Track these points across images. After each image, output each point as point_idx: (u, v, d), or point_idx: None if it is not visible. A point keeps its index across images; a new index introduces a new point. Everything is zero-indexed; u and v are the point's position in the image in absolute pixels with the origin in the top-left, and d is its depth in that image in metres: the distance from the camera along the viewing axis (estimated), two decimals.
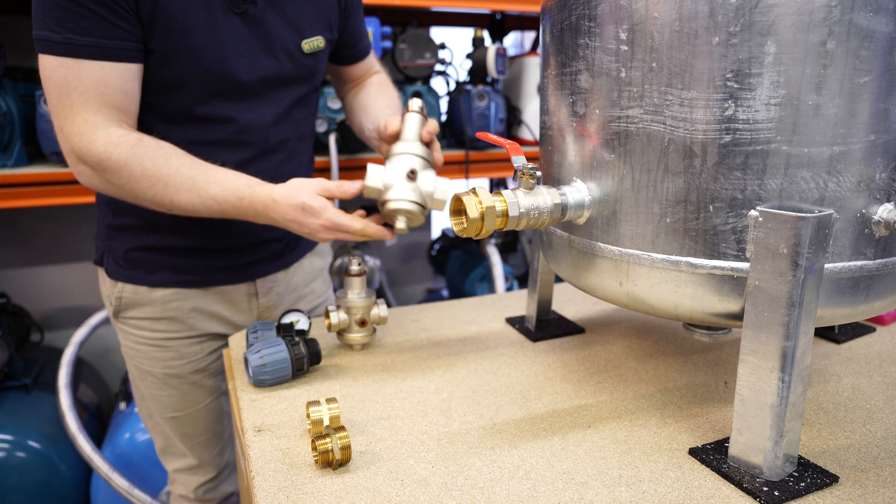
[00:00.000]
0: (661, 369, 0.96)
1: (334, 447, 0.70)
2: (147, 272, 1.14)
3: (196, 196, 0.96)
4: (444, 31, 2.75)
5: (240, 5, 1.02)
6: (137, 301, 1.15)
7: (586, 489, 0.68)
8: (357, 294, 0.99)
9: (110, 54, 0.93)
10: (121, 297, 1.16)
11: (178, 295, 1.15)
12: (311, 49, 1.12)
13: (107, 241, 1.16)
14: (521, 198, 0.73)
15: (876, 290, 0.68)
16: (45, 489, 1.70)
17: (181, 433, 1.25)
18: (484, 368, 0.97)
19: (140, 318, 1.17)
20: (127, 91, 0.97)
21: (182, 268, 1.15)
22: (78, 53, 0.91)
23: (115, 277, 1.16)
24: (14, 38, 2.01)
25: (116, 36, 0.93)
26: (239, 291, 1.21)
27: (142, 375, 1.21)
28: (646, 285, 0.72)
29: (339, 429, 0.71)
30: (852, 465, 0.72)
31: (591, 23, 0.71)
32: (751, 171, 0.63)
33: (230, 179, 0.97)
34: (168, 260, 1.14)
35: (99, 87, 0.93)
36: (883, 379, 0.93)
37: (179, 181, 0.96)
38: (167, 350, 1.18)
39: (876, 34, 0.59)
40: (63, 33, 0.90)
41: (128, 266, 1.14)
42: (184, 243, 1.13)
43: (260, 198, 0.97)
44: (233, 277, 1.19)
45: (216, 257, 1.16)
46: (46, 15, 0.90)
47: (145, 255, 1.14)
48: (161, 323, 1.16)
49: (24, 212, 2.19)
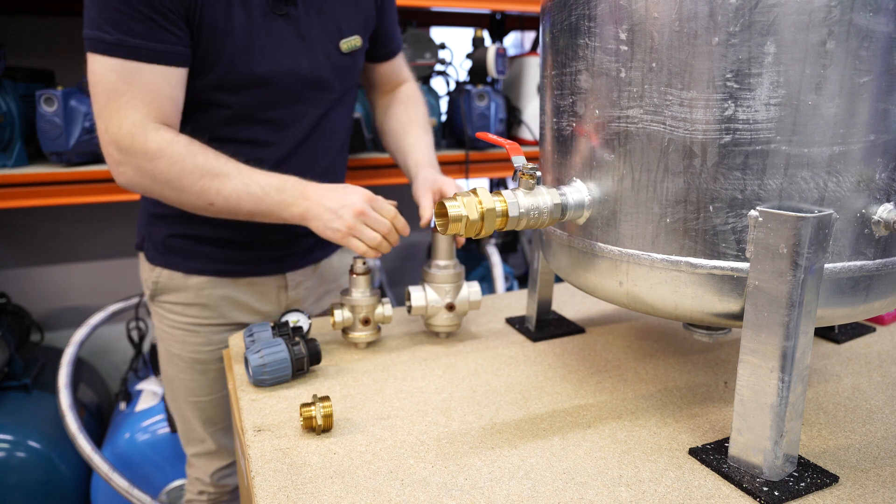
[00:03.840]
0: (661, 369, 0.96)
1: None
2: (183, 259, 1.19)
3: (241, 182, 0.99)
4: (444, 31, 2.75)
5: (281, 7, 1.05)
6: (173, 286, 1.21)
7: (586, 489, 0.68)
8: (361, 293, 1.01)
9: (160, 58, 0.95)
10: (157, 281, 1.21)
11: (212, 283, 1.20)
12: (349, 48, 1.16)
13: (148, 227, 1.22)
14: (521, 198, 0.73)
15: (876, 290, 0.68)
16: (45, 489, 1.70)
17: (202, 418, 1.29)
18: (484, 368, 0.97)
19: (174, 303, 1.22)
20: (174, 97, 1.00)
21: (217, 257, 1.19)
22: (130, 55, 0.93)
23: (154, 262, 1.21)
24: (14, 38, 2.01)
25: (166, 40, 0.95)
26: (269, 284, 1.25)
27: (170, 358, 1.26)
28: (646, 285, 0.72)
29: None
30: (852, 465, 0.72)
31: (590, 23, 0.71)
32: (751, 171, 0.63)
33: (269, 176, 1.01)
34: (203, 249, 1.19)
35: (150, 91, 0.96)
36: (883, 379, 0.93)
37: (227, 170, 0.99)
38: (196, 335, 1.23)
39: (876, 34, 0.59)
40: (115, 34, 0.92)
41: (166, 252, 1.20)
42: (219, 234, 1.17)
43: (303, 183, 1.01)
44: (264, 269, 1.23)
45: (249, 250, 1.20)
46: (99, 16, 0.92)
47: (183, 243, 1.19)
48: (193, 308, 1.21)
49: (24, 212, 2.19)
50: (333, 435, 0.78)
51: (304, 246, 1.26)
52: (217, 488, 1.35)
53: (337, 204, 0.99)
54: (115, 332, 2.26)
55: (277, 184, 1.00)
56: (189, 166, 0.98)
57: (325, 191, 1.00)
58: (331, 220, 0.99)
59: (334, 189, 1.01)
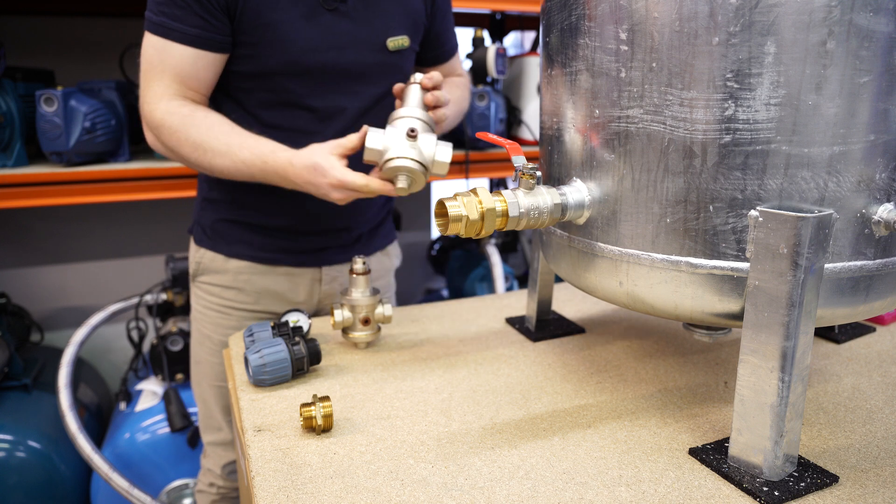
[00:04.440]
0: (661, 369, 0.96)
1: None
2: (226, 243, 1.26)
3: (229, 160, 1.05)
4: None
5: (331, 3, 1.11)
6: (214, 268, 1.27)
7: (586, 489, 0.68)
8: (361, 293, 1.01)
9: (190, 40, 1.05)
10: (200, 261, 1.28)
11: (250, 269, 1.26)
12: (396, 47, 1.20)
13: (200, 211, 1.30)
14: (521, 198, 0.73)
15: (876, 290, 0.68)
16: (45, 489, 1.70)
17: (223, 405, 1.32)
18: (484, 368, 0.97)
19: (213, 284, 1.28)
20: (200, 77, 1.09)
21: (257, 244, 1.25)
22: (166, 34, 1.05)
23: (200, 244, 1.29)
24: (14, 38, 2.01)
25: (199, 25, 1.05)
26: (304, 276, 1.29)
27: (202, 339, 1.31)
28: (646, 285, 0.72)
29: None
30: (852, 465, 0.72)
31: (591, 23, 0.71)
32: (751, 171, 0.63)
33: (259, 145, 1.04)
34: (245, 234, 1.25)
35: (176, 66, 1.06)
36: (883, 379, 0.93)
37: (217, 147, 1.05)
38: (229, 317, 1.28)
39: (876, 34, 0.59)
40: (159, 16, 1.05)
41: (212, 235, 1.27)
42: (263, 221, 1.24)
43: (281, 163, 1.03)
44: (301, 261, 1.27)
45: (288, 239, 1.25)
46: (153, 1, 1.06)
47: (228, 227, 1.26)
48: (230, 291, 1.27)
49: (24, 212, 2.19)
50: (333, 435, 0.78)
51: (342, 241, 1.30)
52: (226, 482, 1.36)
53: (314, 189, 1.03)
54: (115, 332, 2.26)
55: (259, 164, 1.04)
56: (182, 138, 1.06)
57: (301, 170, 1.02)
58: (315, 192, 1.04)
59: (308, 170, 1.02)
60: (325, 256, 1.29)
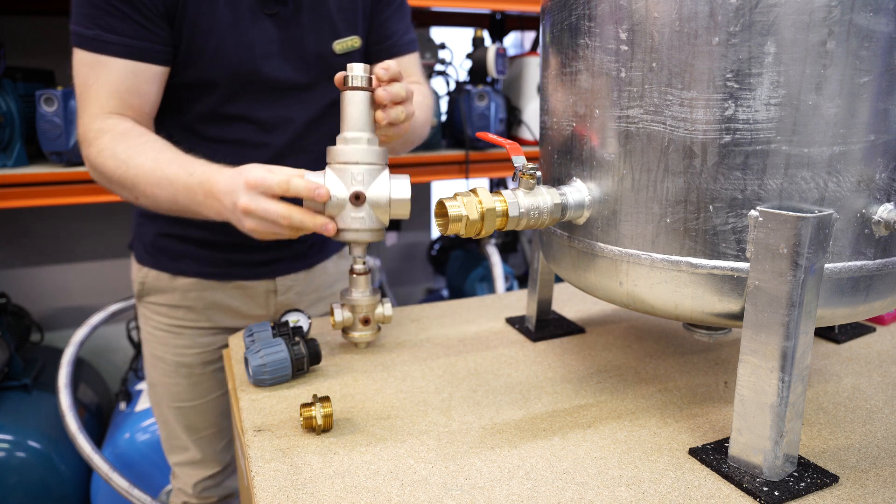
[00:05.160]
0: (661, 369, 0.96)
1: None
2: (171, 260, 1.17)
3: (153, 177, 0.90)
4: (444, 31, 2.75)
5: (271, 7, 1.01)
6: (159, 287, 1.19)
7: (586, 489, 0.68)
8: (361, 292, 1.00)
9: (133, 53, 0.95)
10: (144, 281, 1.19)
11: (199, 285, 1.18)
12: (344, 49, 1.11)
13: (138, 226, 1.21)
14: (521, 198, 0.73)
15: (876, 290, 0.68)
16: (45, 489, 1.70)
17: (185, 424, 1.26)
18: (484, 368, 0.97)
19: (160, 304, 1.20)
20: (142, 92, 0.97)
21: (204, 259, 1.17)
22: (100, 49, 0.94)
23: (142, 262, 1.20)
24: (14, 38, 2.01)
25: (140, 36, 0.95)
26: (258, 288, 1.22)
27: (155, 361, 1.24)
28: (646, 285, 0.72)
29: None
30: (852, 465, 0.72)
31: (591, 23, 0.71)
32: (751, 171, 0.63)
33: (193, 161, 0.90)
34: (191, 250, 1.16)
35: (114, 83, 0.95)
36: (883, 379, 0.93)
37: (142, 162, 0.91)
38: (181, 337, 1.20)
39: (876, 34, 0.59)
40: (93, 29, 0.93)
41: (154, 252, 1.18)
42: (207, 236, 1.14)
43: (209, 171, 0.87)
44: (253, 273, 1.20)
45: (238, 252, 1.17)
46: (79, 10, 0.94)
47: (170, 244, 1.17)
48: (179, 311, 1.19)
49: (24, 212, 2.20)
50: (333, 435, 0.78)
51: (295, 250, 1.22)
52: (200, 500, 1.31)
53: (230, 204, 0.84)
54: (115, 332, 2.26)
55: (184, 176, 0.88)
56: (107, 155, 0.93)
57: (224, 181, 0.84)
58: (237, 223, 0.86)
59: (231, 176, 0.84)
60: (279, 267, 1.22)
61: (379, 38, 1.18)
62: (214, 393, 1.26)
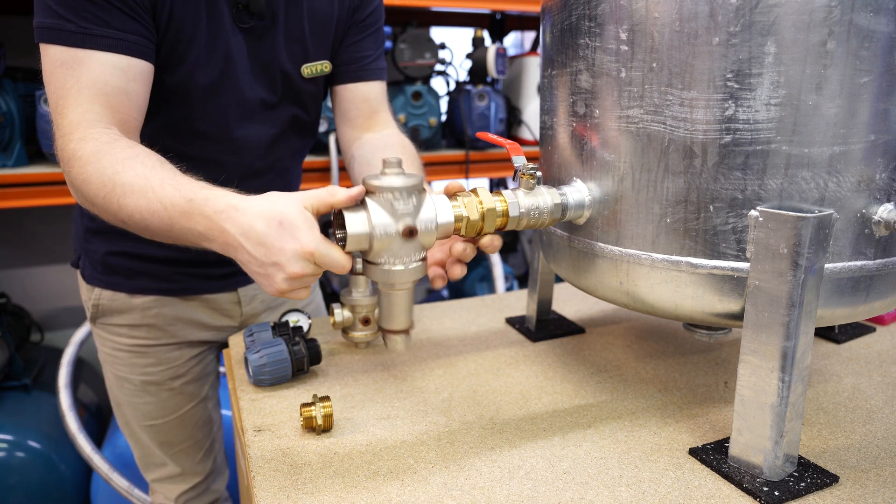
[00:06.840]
0: (661, 369, 0.96)
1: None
2: (125, 278, 1.09)
3: (143, 198, 0.74)
4: (444, 31, 2.75)
5: (246, 20, 0.96)
6: (116, 308, 1.11)
7: (586, 489, 0.68)
8: (361, 293, 1.00)
9: (121, 46, 0.84)
10: (98, 303, 1.11)
11: (159, 302, 1.11)
12: (312, 74, 1.06)
13: (84, 244, 1.11)
14: (521, 198, 0.73)
15: (876, 290, 0.68)
16: (45, 489, 1.70)
17: (159, 441, 1.20)
18: (484, 368, 0.97)
19: (119, 325, 1.12)
20: (130, 91, 0.86)
21: (162, 276, 1.10)
22: (84, 43, 0.82)
23: (92, 283, 1.11)
24: (14, 38, 2.01)
25: (130, 29, 0.85)
26: (221, 300, 1.17)
27: (119, 382, 1.17)
28: (646, 285, 0.72)
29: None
30: (852, 465, 0.72)
31: (591, 23, 0.71)
32: (751, 171, 0.63)
33: (192, 183, 0.74)
34: (147, 267, 1.09)
35: (98, 82, 0.82)
36: (883, 379, 0.93)
37: (130, 180, 0.75)
38: (145, 356, 1.13)
39: (876, 34, 0.59)
40: (74, 21, 0.81)
41: (105, 271, 1.10)
42: (162, 253, 1.06)
43: (218, 205, 0.69)
44: (214, 287, 1.15)
45: (196, 267, 1.11)
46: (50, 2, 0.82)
47: (123, 262, 1.08)
48: (140, 330, 1.12)
49: (24, 212, 2.19)
50: (333, 435, 0.78)
51: None
52: None
53: (262, 252, 0.67)
54: None
55: (182, 203, 0.71)
56: (91, 172, 0.77)
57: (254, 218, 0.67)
58: (257, 276, 0.70)
59: (268, 222, 0.66)
60: (241, 277, 1.16)
61: (348, 60, 1.10)
62: (186, 406, 1.20)
